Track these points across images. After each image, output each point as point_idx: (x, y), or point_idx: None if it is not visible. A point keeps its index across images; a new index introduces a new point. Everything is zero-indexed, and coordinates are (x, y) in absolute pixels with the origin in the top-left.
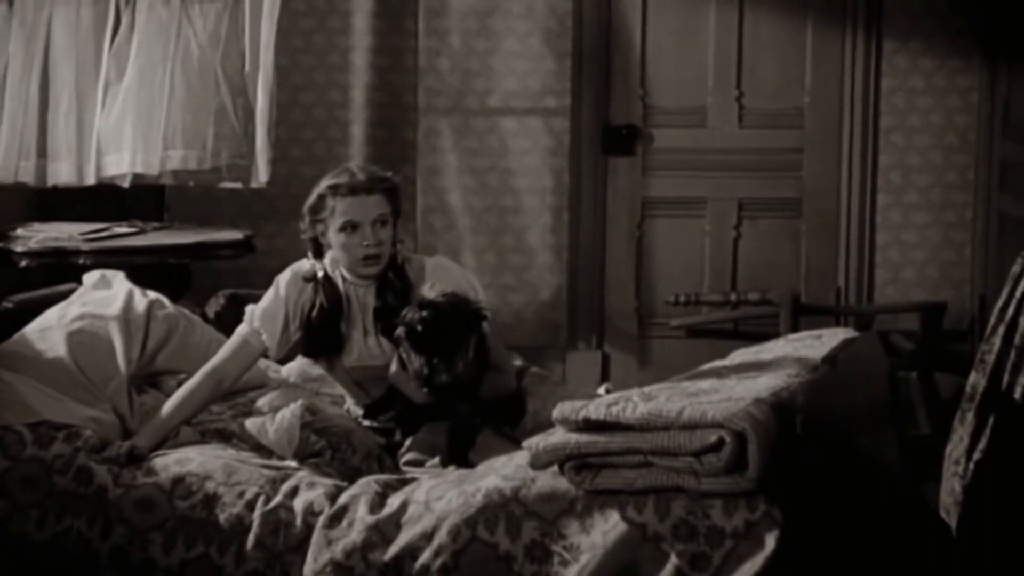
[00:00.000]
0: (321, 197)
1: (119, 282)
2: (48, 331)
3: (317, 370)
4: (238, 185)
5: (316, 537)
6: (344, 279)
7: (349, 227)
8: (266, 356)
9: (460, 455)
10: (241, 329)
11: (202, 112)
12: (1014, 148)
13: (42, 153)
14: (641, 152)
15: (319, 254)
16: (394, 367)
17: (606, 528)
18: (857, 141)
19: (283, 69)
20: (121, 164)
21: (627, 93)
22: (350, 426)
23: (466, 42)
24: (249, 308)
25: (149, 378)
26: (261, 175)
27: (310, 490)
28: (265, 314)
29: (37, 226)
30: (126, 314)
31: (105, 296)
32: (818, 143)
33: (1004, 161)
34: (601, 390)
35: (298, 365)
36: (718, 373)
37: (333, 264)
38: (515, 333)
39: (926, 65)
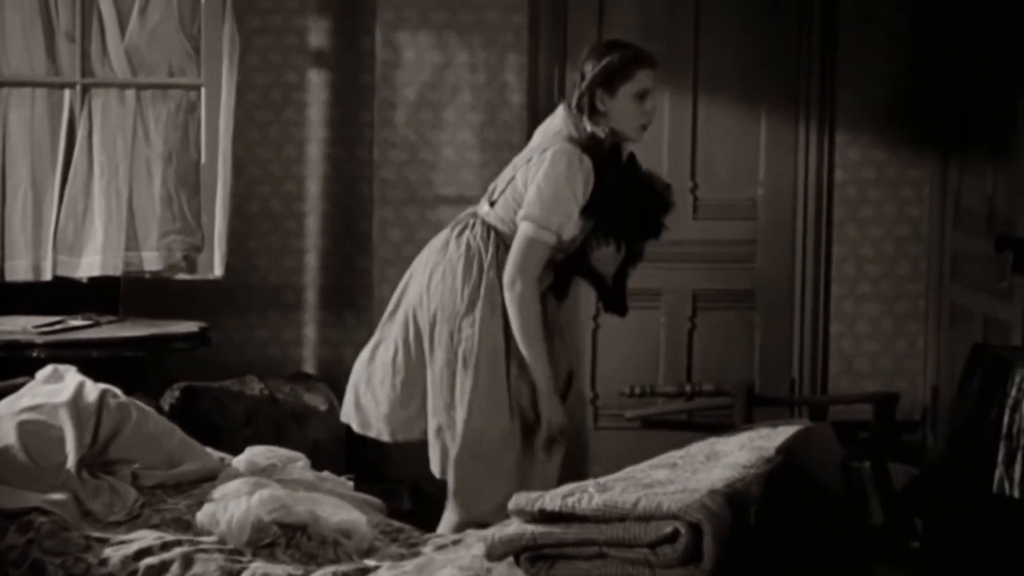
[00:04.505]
0: (627, 63)
1: (71, 376)
2: None
3: (267, 460)
4: (193, 277)
5: None
6: None
7: (643, 94)
8: None
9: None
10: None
11: (159, 208)
12: (965, 239)
13: None
14: None
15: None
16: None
17: None
18: (810, 232)
19: (239, 161)
20: (80, 267)
21: None
22: (306, 517)
23: (421, 134)
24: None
25: (103, 467)
26: (216, 267)
27: None
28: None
29: None
30: (76, 402)
31: (56, 388)
32: (772, 234)
33: (956, 252)
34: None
35: (248, 456)
36: (673, 464)
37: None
38: None
39: (878, 157)
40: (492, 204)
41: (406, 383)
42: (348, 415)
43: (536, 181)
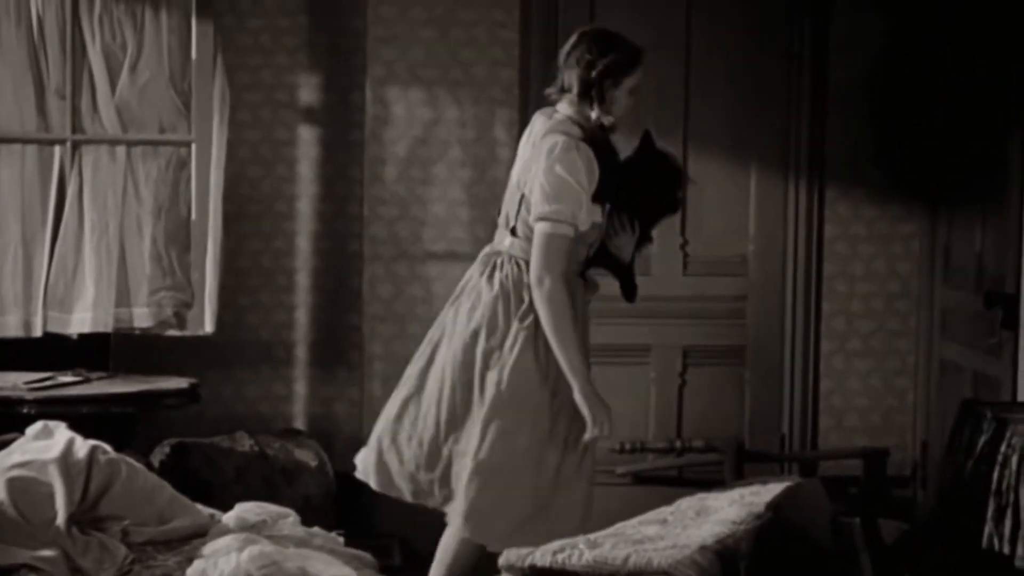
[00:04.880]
0: (634, 57)
1: (61, 432)
2: None
3: (257, 516)
4: (184, 333)
5: None
6: None
7: (635, 89)
8: None
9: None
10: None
11: (149, 264)
12: (955, 295)
13: None
14: (587, 299)
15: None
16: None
17: None
18: (800, 288)
19: (229, 216)
20: (71, 324)
21: None
22: (296, 573)
23: (411, 190)
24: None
25: (93, 523)
26: (207, 324)
27: None
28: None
29: None
30: (66, 458)
31: (46, 444)
32: (762, 291)
33: (945, 308)
34: None
35: (238, 512)
36: (663, 520)
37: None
38: None
39: (868, 213)
40: (513, 232)
41: (435, 441)
42: (366, 473)
43: (538, 180)
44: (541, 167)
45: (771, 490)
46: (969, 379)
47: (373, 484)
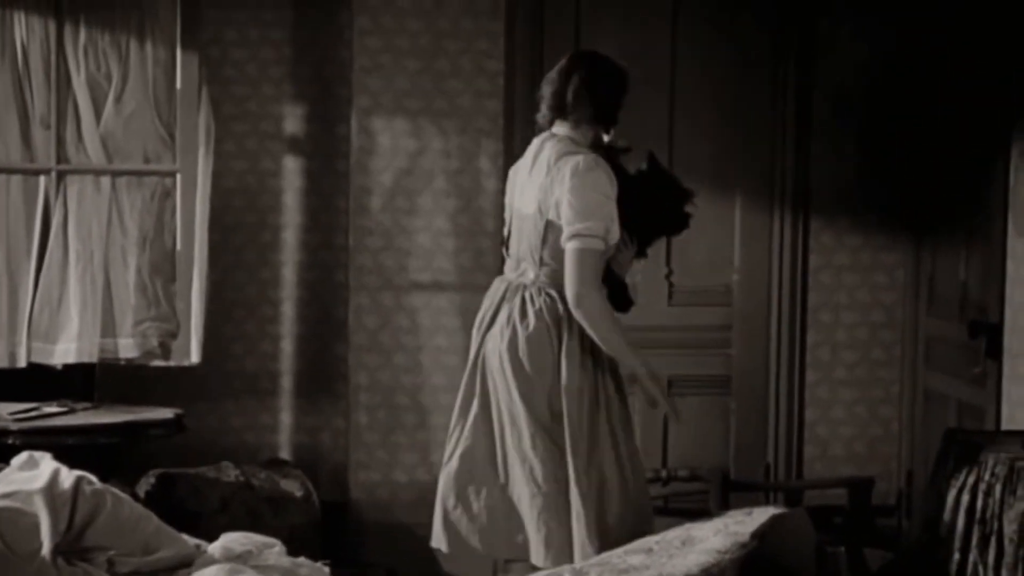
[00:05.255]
0: (626, 79)
1: (46, 463)
2: None
3: (242, 546)
4: (169, 363)
5: None
6: None
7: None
8: None
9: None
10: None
11: (134, 294)
12: (939, 324)
13: None
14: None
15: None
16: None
17: None
18: (785, 318)
19: (215, 246)
20: (55, 354)
21: None
22: None
23: (396, 220)
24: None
25: (79, 554)
26: (193, 354)
27: None
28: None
29: None
30: (51, 488)
31: (31, 474)
32: (746, 320)
33: (929, 337)
34: None
35: (223, 542)
36: (649, 549)
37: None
38: None
39: (852, 242)
40: (541, 261)
41: (501, 488)
42: (437, 539)
43: (565, 200)
44: (566, 187)
45: (756, 519)
46: (953, 408)
47: (444, 549)
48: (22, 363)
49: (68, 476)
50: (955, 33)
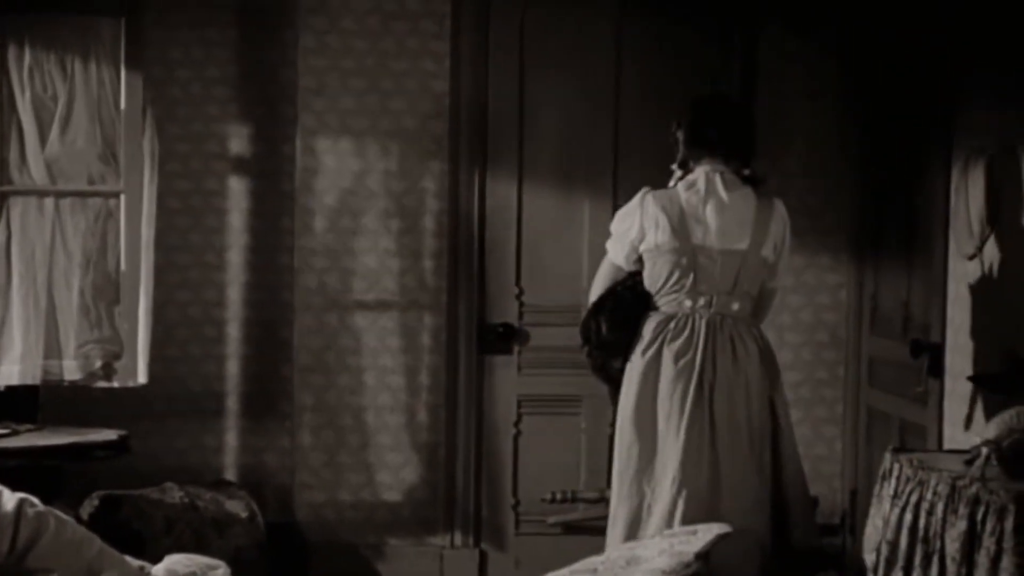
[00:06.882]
0: None
1: None
2: None
3: (187, 568)
4: (114, 384)
5: None
6: None
7: None
8: None
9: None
10: None
11: (77, 316)
12: (882, 344)
13: None
14: (518, 350)
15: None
16: None
17: None
18: None
19: (158, 267)
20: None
21: (503, 291)
22: None
23: (341, 240)
24: None
25: None
26: (140, 375)
27: None
28: None
29: None
30: None
31: None
32: None
33: (872, 356)
34: None
35: (167, 564)
36: (594, 570)
37: None
38: (392, 531)
39: (796, 263)
40: (745, 295)
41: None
42: None
43: (787, 247)
44: (788, 237)
45: (700, 539)
46: (896, 427)
47: None
48: None
49: (10, 498)
50: (894, 53)
